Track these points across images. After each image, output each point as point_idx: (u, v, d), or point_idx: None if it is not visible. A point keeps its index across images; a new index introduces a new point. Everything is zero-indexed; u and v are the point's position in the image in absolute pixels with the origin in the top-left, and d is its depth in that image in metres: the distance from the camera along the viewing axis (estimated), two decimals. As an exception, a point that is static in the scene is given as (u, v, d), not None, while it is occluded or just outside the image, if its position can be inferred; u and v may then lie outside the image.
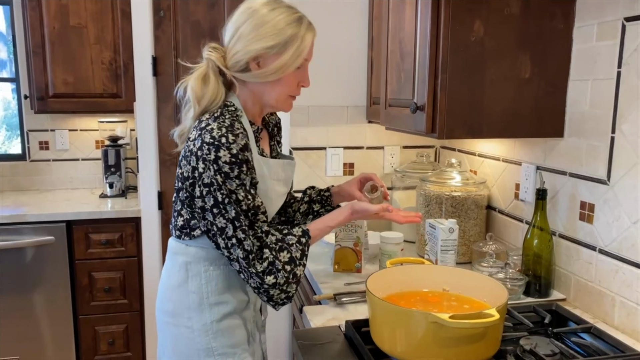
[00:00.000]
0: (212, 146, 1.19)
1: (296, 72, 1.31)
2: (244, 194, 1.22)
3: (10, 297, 2.63)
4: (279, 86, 1.31)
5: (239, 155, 1.20)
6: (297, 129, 2.19)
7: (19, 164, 3.17)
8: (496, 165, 1.87)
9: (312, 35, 1.32)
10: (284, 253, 1.26)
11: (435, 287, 1.31)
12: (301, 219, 1.61)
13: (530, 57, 1.45)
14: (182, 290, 1.33)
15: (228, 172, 1.20)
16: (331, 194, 1.60)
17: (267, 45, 1.26)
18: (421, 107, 1.46)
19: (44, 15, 2.77)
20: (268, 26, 1.26)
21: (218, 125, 1.22)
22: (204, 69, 1.31)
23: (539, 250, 1.52)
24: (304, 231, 1.32)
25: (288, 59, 1.27)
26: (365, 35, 2.20)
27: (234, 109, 1.31)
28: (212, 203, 1.22)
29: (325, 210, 1.59)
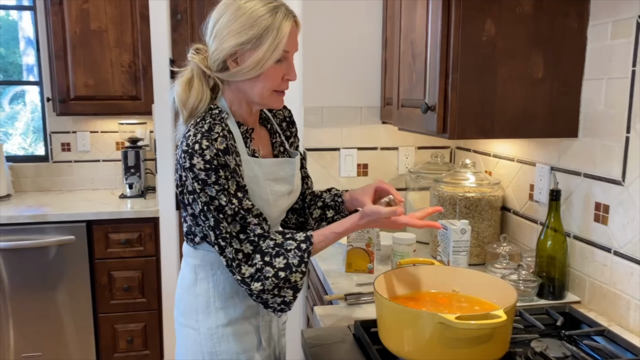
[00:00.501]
0: (187, 154, 1.17)
1: (278, 65, 1.24)
2: (227, 199, 1.18)
3: (32, 295, 2.70)
4: (261, 82, 1.25)
5: (213, 160, 1.16)
6: (310, 130, 2.20)
7: (42, 165, 3.25)
8: (511, 166, 1.86)
9: (289, 24, 1.23)
10: (280, 259, 1.20)
11: (445, 288, 1.30)
12: (314, 225, 1.51)
13: (543, 57, 1.43)
14: (191, 292, 1.34)
15: (205, 178, 1.17)
16: (343, 201, 1.49)
17: (240, 41, 1.21)
18: (432, 107, 1.45)
19: (66, 20, 2.83)
20: (240, 21, 1.20)
21: (194, 132, 1.20)
22: (188, 72, 1.28)
23: (553, 252, 1.50)
24: (306, 237, 1.25)
25: (264, 53, 1.20)
26: (379, 35, 2.20)
27: (217, 111, 1.27)
28: (198, 209, 1.21)
29: (340, 217, 1.48)
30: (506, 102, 1.43)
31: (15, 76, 3.31)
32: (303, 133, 2.20)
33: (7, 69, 3.30)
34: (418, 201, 2.13)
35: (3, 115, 3.35)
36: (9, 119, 3.38)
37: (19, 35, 3.29)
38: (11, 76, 3.31)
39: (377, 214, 1.26)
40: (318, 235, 1.26)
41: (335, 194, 1.51)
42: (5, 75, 3.31)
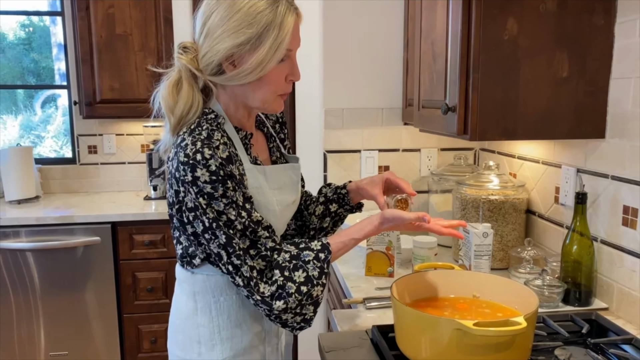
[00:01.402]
0: (187, 166, 1.04)
1: (280, 65, 1.12)
2: (236, 213, 1.07)
3: (61, 295, 2.75)
4: (263, 86, 1.12)
5: (219, 171, 1.04)
6: (331, 132, 2.18)
7: (69, 167, 3.32)
8: (536, 168, 1.81)
9: (293, 19, 1.10)
10: (300, 272, 1.10)
11: (465, 293, 1.27)
12: (318, 223, 1.41)
13: (568, 56, 1.39)
14: (191, 323, 1.21)
15: (211, 192, 1.05)
16: (348, 192, 1.39)
17: (237, 42, 1.07)
18: (452, 108, 1.43)
19: (92, 25, 2.88)
20: (237, 18, 1.07)
21: (192, 140, 1.06)
22: (176, 74, 1.14)
23: (579, 257, 1.46)
24: (323, 245, 1.15)
25: (266, 54, 1.07)
26: (401, 36, 2.17)
27: (213, 116, 1.14)
28: (201, 228, 1.09)
29: (345, 210, 1.41)
30: (529, 103, 1.39)
31: (47, 80, 3.39)
32: (323, 135, 2.19)
33: (40, 73, 3.39)
34: (441, 204, 2.10)
35: (36, 119, 3.43)
36: (42, 122, 3.46)
37: (51, 41, 3.37)
38: (44, 80, 3.39)
39: (400, 219, 1.17)
40: (336, 243, 1.17)
41: (337, 186, 1.42)
42: (38, 80, 3.39)
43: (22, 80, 3.38)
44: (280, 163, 1.32)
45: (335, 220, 1.43)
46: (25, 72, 3.37)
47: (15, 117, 3.43)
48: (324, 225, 1.42)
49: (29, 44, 3.36)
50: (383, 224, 1.19)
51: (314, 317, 1.16)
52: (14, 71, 3.35)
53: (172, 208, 1.14)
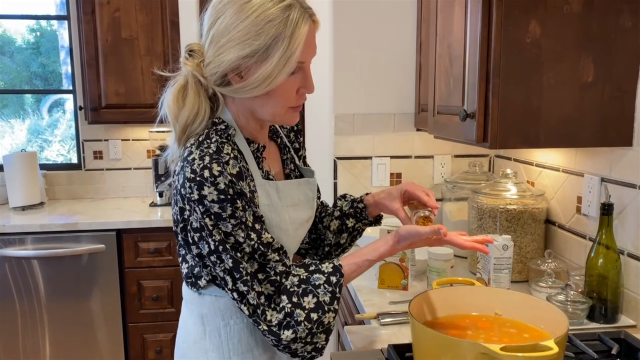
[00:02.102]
0: (194, 183, 0.96)
1: (291, 78, 1.03)
2: (245, 235, 0.99)
3: (66, 303, 2.70)
4: (271, 99, 1.04)
5: (228, 189, 0.96)
6: (341, 138, 2.12)
7: (74, 173, 3.27)
8: (555, 176, 1.73)
9: (306, 27, 1.00)
10: (309, 297, 1.02)
11: (487, 310, 1.20)
12: (333, 238, 1.32)
13: (594, 59, 1.32)
14: (199, 347, 1.13)
15: (219, 212, 0.97)
16: (365, 206, 1.31)
17: (242, 54, 0.99)
18: (471, 115, 1.36)
19: (98, 28, 2.84)
20: (243, 26, 0.98)
21: (200, 154, 0.99)
22: (182, 79, 1.06)
23: (605, 271, 1.38)
24: (335, 267, 1.06)
25: (274, 68, 0.98)
26: (413, 39, 2.11)
27: (223, 127, 1.06)
28: (207, 250, 1.01)
29: (363, 225, 1.32)
30: (553, 109, 1.32)
31: (55, 84, 3.35)
32: (333, 141, 2.12)
33: (48, 77, 3.37)
34: (455, 212, 2.02)
35: (43, 123, 3.41)
36: (49, 126, 3.44)
37: (59, 45, 3.34)
38: (51, 84, 3.36)
39: (417, 235, 1.09)
40: (349, 265, 1.08)
41: (353, 199, 1.33)
42: (45, 84, 3.36)
43: (30, 84, 3.36)
44: (294, 176, 1.24)
45: (354, 235, 1.34)
46: (33, 77, 3.35)
47: (22, 122, 3.41)
48: (341, 241, 1.33)
49: (37, 48, 3.34)
50: (399, 243, 1.11)
51: (326, 345, 1.07)
52: (22, 75, 3.34)
53: (177, 226, 1.07)
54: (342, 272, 1.06)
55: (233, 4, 1.00)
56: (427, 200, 1.19)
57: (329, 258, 1.35)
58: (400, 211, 1.23)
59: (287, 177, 1.23)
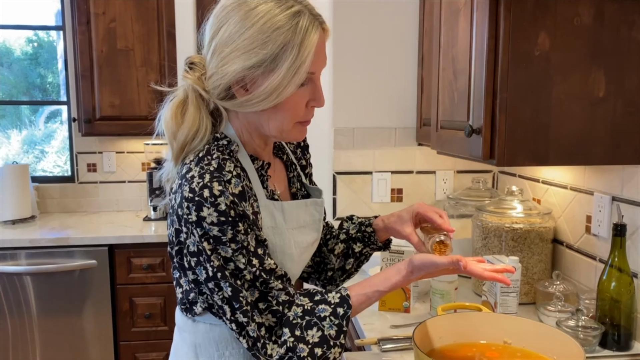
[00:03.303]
0: (192, 203, 0.89)
1: (300, 90, 0.96)
2: (246, 260, 0.91)
3: (54, 320, 2.62)
4: (279, 113, 0.96)
5: (229, 211, 0.89)
6: (341, 152, 2.06)
7: (67, 186, 3.20)
8: (563, 194, 1.67)
9: (317, 36, 0.94)
10: (314, 330, 0.93)
11: (495, 338, 1.13)
12: (337, 263, 1.23)
13: (605, 73, 1.26)
14: None
15: (218, 235, 0.89)
16: (375, 230, 1.22)
17: (248, 65, 0.91)
18: (477, 130, 1.30)
19: (93, 39, 2.79)
20: (248, 35, 0.91)
21: (200, 172, 0.91)
22: (181, 94, 0.99)
23: (618, 295, 1.31)
24: (342, 298, 0.97)
25: (282, 79, 0.91)
26: (415, 51, 2.05)
27: (226, 142, 0.99)
28: (204, 276, 0.93)
29: (371, 250, 1.23)
30: (563, 125, 1.26)
31: (53, 95, 3.30)
32: (333, 155, 2.06)
33: (46, 88, 3.32)
34: (458, 230, 1.95)
35: (40, 134, 3.37)
36: (46, 137, 3.40)
37: (57, 56, 3.30)
38: (50, 95, 3.31)
39: (433, 266, 0.99)
40: (357, 296, 0.99)
41: (360, 222, 1.24)
42: (44, 95, 3.32)
43: (29, 95, 3.32)
44: (300, 196, 1.16)
45: (361, 260, 1.25)
46: (32, 88, 3.31)
47: (20, 132, 3.37)
48: (347, 266, 1.24)
49: (35, 59, 3.31)
50: (413, 274, 1.00)
51: None
52: (20, 86, 3.30)
53: (172, 248, 0.99)
54: (350, 304, 0.97)
55: (237, 12, 0.93)
56: (441, 223, 1.10)
57: (332, 283, 1.26)
58: (412, 236, 1.13)
59: (293, 196, 1.16)
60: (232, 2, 0.95)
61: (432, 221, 1.12)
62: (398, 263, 1.04)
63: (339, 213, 2.08)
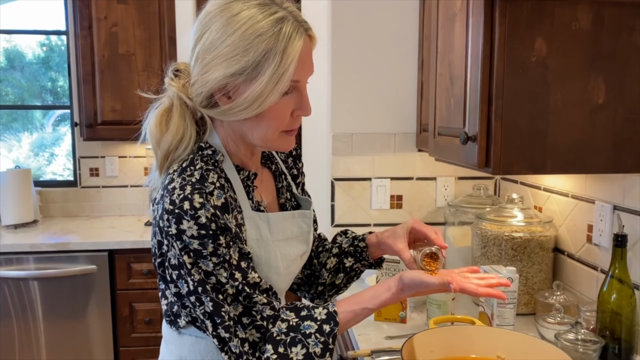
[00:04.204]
0: (172, 215, 0.87)
1: (285, 99, 0.93)
2: (228, 274, 0.89)
3: (55, 326, 2.61)
4: (263, 122, 0.94)
5: (210, 224, 0.87)
6: (339, 159, 2.03)
7: (70, 190, 3.20)
8: (564, 202, 1.63)
9: (300, 42, 0.91)
10: (298, 348, 0.90)
11: (489, 353, 1.10)
12: (328, 278, 1.20)
13: (604, 79, 1.22)
14: None
15: (199, 249, 0.87)
16: (367, 245, 1.19)
17: (229, 72, 0.89)
18: (473, 138, 1.27)
19: (95, 44, 2.79)
20: (230, 41, 0.89)
21: (181, 183, 0.90)
22: (167, 101, 0.98)
23: (618, 308, 1.27)
24: (329, 315, 0.93)
25: (264, 87, 0.89)
26: (415, 56, 2.03)
27: (210, 152, 0.98)
28: (186, 290, 0.91)
29: (362, 266, 1.20)
30: (560, 133, 1.23)
31: (64, 99, 3.32)
32: (331, 161, 2.04)
33: (57, 92, 3.35)
34: (459, 238, 1.92)
35: (50, 137, 3.41)
36: (56, 140, 3.44)
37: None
38: (61, 99, 3.34)
39: (422, 285, 0.95)
40: (345, 313, 0.95)
41: (354, 237, 1.22)
42: (55, 99, 3.36)
43: (40, 98, 3.36)
44: (290, 206, 1.13)
45: (351, 275, 1.21)
46: (43, 91, 3.35)
47: (31, 135, 3.42)
48: (337, 281, 1.21)
49: (47, 63, 3.35)
50: (403, 291, 0.97)
51: None
52: (32, 90, 3.34)
53: (155, 259, 0.98)
54: (337, 321, 0.93)
55: (220, 18, 0.92)
56: (434, 238, 1.06)
57: (321, 297, 1.24)
58: (404, 252, 1.08)
59: (282, 207, 1.13)
60: (216, 8, 0.93)
61: (426, 236, 1.08)
62: (388, 279, 1.00)
63: (337, 220, 2.05)
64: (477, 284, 0.96)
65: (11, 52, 3.28)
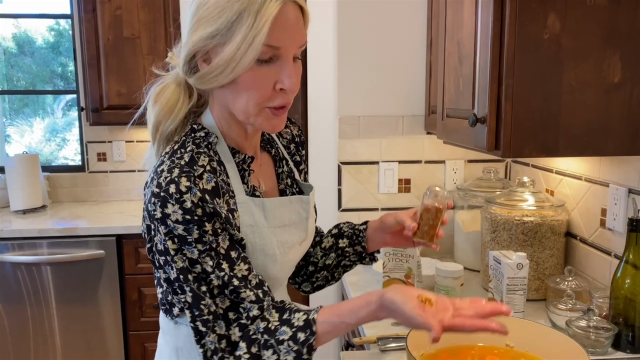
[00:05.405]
0: (158, 199, 0.85)
1: (264, 68, 0.88)
2: (214, 263, 0.86)
3: (63, 311, 2.62)
4: (241, 92, 0.89)
5: (196, 209, 0.84)
6: (346, 142, 1.99)
7: (78, 176, 3.20)
8: (577, 186, 1.58)
9: (278, 5, 0.85)
10: (269, 352, 0.86)
11: (496, 341, 1.06)
12: (321, 257, 1.19)
13: (621, 57, 1.17)
14: None
15: (183, 235, 0.85)
16: (366, 228, 1.18)
17: (205, 34, 0.87)
18: (482, 119, 1.22)
19: (99, 27, 2.75)
20: (210, 4, 0.87)
21: (169, 165, 0.87)
22: (168, 78, 1.00)
23: (632, 294, 1.24)
24: (307, 322, 0.86)
25: (237, 48, 0.84)
26: (423, 36, 1.97)
27: (202, 134, 0.95)
28: (173, 276, 0.88)
29: (354, 251, 1.19)
30: (574, 113, 1.18)
31: (74, 84, 3.30)
32: (338, 145, 2.00)
33: (68, 77, 3.34)
34: (468, 222, 1.88)
35: (61, 122, 3.41)
36: (67, 125, 3.44)
37: (77, 44, 3.33)
38: (72, 84, 3.31)
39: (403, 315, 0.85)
40: (324, 323, 0.87)
41: (356, 224, 1.21)
42: (65, 84, 3.35)
43: (51, 83, 3.36)
44: (290, 193, 1.10)
45: (340, 260, 1.19)
46: (54, 76, 3.35)
47: (42, 120, 3.43)
48: (327, 262, 1.19)
49: (57, 48, 3.33)
50: (381, 311, 0.87)
51: None
52: (42, 75, 3.33)
53: (146, 245, 0.96)
54: (314, 330, 0.85)
55: None
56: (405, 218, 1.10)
57: (309, 280, 1.22)
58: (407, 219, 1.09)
59: (282, 193, 1.10)
60: None
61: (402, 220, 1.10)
62: (372, 293, 0.90)
63: (344, 204, 2.02)
64: (472, 323, 0.85)
65: (20, 37, 3.26)
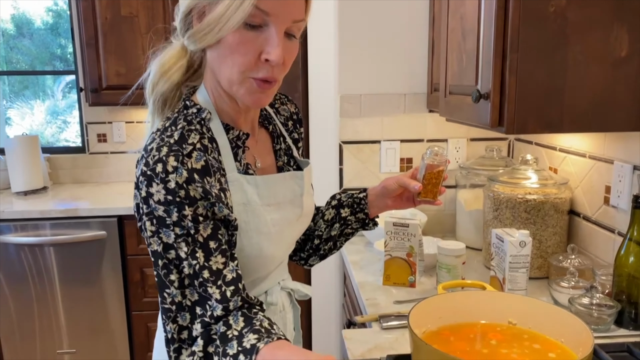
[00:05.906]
0: (145, 177, 0.82)
1: (252, 34, 0.84)
2: (189, 250, 0.82)
3: (69, 291, 2.63)
4: (227, 56, 0.86)
5: (179, 191, 0.81)
6: (347, 121, 1.97)
7: (78, 157, 3.19)
8: (581, 163, 1.57)
9: None
10: (216, 359, 0.82)
11: (499, 318, 1.06)
12: (325, 230, 1.19)
13: (628, 30, 1.14)
14: None
15: (162, 216, 0.81)
16: (367, 195, 1.18)
17: None
18: (485, 95, 1.20)
19: (97, 6, 2.71)
20: None
21: (159, 144, 0.84)
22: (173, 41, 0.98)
23: (636, 271, 1.23)
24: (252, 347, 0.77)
25: (226, 7, 0.82)
26: (426, 12, 1.93)
27: (194, 110, 0.92)
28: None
29: (356, 219, 1.18)
30: (579, 88, 1.16)
31: (73, 66, 3.27)
32: (339, 124, 1.98)
33: (67, 58, 3.31)
34: (471, 201, 1.87)
35: (62, 104, 3.38)
36: (67, 107, 3.41)
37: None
38: (71, 66, 3.28)
39: None
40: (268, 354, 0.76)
41: (354, 193, 1.20)
42: (65, 65, 3.31)
43: (51, 65, 3.33)
44: (287, 170, 1.08)
45: (343, 229, 1.19)
46: (53, 58, 3.31)
47: (42, 103, 3.39)
48: (332, 232, 1.19)
49: (56, 29, 3.30)
50: None
51: None
52: (41, 56, 3.30)
53: (138, 223, 0.92)
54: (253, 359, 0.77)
55: None
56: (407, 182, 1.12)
57: (316, 254, 1.21)
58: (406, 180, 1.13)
59: (279, 170, 1.07)
60: None
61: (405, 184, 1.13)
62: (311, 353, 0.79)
63: (346, 184, 2.01)
64: None
65: (19, 18, 3.22)
